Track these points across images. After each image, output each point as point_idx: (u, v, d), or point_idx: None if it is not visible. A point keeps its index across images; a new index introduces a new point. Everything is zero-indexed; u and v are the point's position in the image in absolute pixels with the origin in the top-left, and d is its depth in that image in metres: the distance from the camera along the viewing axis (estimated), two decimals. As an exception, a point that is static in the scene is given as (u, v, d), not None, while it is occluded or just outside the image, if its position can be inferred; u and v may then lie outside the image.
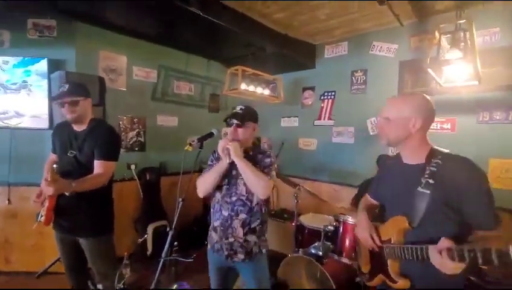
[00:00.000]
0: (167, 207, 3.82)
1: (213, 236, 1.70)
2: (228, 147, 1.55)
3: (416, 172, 1.23)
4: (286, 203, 4.13)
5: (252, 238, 1.63)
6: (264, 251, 1.67)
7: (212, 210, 1.75)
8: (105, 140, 1.84)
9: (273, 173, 1.63)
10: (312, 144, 4.09)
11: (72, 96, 1.80)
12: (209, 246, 1.74)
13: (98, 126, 1.90)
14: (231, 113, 1.68)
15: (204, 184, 1.70)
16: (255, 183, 1.52)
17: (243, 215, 1.62)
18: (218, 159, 1.74)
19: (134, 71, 3.59)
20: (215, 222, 1.69)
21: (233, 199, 1.64)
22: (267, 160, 1.65)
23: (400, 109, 1.27)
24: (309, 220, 3.00)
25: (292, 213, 3.08)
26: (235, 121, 1.63)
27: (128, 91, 3.51)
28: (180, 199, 1.52)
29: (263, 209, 1.69)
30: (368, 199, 1.55)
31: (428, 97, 1.27)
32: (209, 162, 1.79)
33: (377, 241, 1.32)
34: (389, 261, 1.24)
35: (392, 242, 1.24)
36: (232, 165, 1.64)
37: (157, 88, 3.87)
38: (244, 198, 1.63)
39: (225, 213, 1.65)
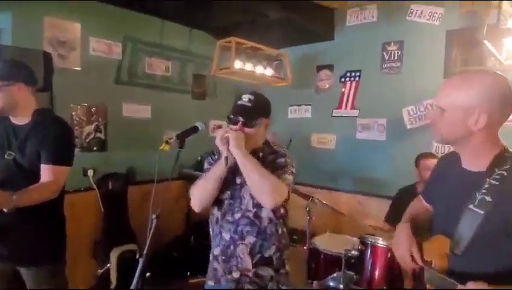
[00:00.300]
0: (137, 226, 3.81)
1: (217, 268, 1.66)
2: (227, 136, 1.50)
3: (473, 183, 1.17)
4: (295, 220, 4.12)
5: (266, 271, 1.59)
6: (284, 288, 1.63)
7: (211, 233, 1.74)
8: (55, 137, 1.83)
9: (289, 176, 1.58)
10: (329, 141, 4.09)
11: None
12: (210, 282, 1.68)
13: (44, 119, 1.87)
14: (236, 105, 1.61)
15: (199, 195, 1.65)
16: (259, 186, 1.47)
17: (250, 239, 1.58)
18: (217, 161, 1.72)
19: (92, 44, 3.57)
20: (215, 250, 1.67)
21: (237, 216, 1.61)
22: (281, 160, 1.62)
23: (457, 96, 1.16)
24: (326, 243, 3.00)
25: (303, 233, 3.09)
26: (241, 119, 1.58)
27: (83, 71, 3.49)
28: (154, 216, 1.50)
29: (279, 229, 1.64)
30: (420, 202, 1.52)
31: (503, 77, 1.16)
32: (206, 166, 1.79)
33: (418, 261, 1.31)
34: (427, 287, 1.26)
35: (433, 266, 1.26)
36: (236, 171, 1.61)
37: (123, 67, 3.85)
38: (251, 214, 1.59)
39: (226, 236, 1.62)
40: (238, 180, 1.64)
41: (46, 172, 1.81)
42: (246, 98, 1.62)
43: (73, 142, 2.02)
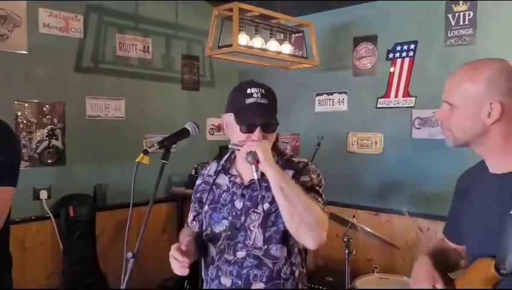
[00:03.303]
0: (108, 267, 3.81)
1: None
2: (253, 150, 1.51)
3: (507, 187, 1.34)
4: (329, 254, 4.08)
5: None
6: None
7: (203, 277, 1.75)
8: None
9: (323, 199, 1.65)
10: (374, 143, 4.05)
11: None
12: None
13: None
14: (246, 105, 1.63)
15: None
16: (303, 220, 1.48)
17: (259, 286, 1.60)
18: (213, 181, 1.75)
19: (42, 18, 3.60)
20: None
21: (240, 255, 1.62)
22: (305, 178, 1.65)
23: (465, 88, 1.39)
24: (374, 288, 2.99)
25: (341, 274, 3.06)
26: (259, 122, 1.60)
27: (31, 56, 3.53)
28: (130, 255, 1.48)
29: (296, 271, 1.66)
30: (442, 242, 1.70)
31: (509, 62, 1.38)
32: (198, 182, 1.84)
33: None
34: None
35: None
36: (236, 191, 1.66)
37: (85, 49, 3.88)
38: (259, 253, 1.61)
39: (226, 282, 1.64)
40: (239, 204, 1.65)
41: None
42: (255, 93, 1.64)
43: (19, 154, 2.02)
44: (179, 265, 1.53)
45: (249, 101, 1.62)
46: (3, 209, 1.87)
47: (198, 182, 1.85)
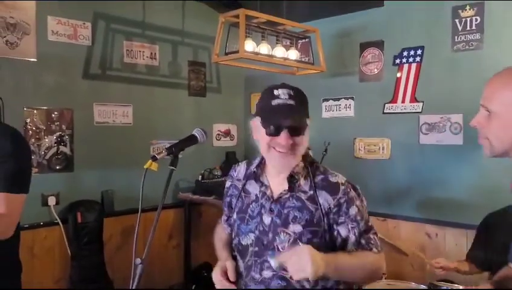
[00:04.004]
0: (116, 273, 3.82)
1: None
2: (301, 277, 1.38)
3: None
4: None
5: None
6: None
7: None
8: (7, 156, 1.85)
9: (376, 234, 1.63)
10: (381, 148, 4.04)
11: None
12: None
13: None
14: (273, 107, 1.53)
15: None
16: (370, 279, 1.67)
17: None
18: (243, 187, 1.69)
19: (51, 26, 3.63)
20: None
21: (267, 274, 1.56)
22: (353, 209, 1.57)
23: (508, 95, 1.30)
24: (382, 294, 2.95)
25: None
26: (287, 125, 1.50)
27: (40, 63, 3.56)
28: (139, 260, 1.49)
29: None
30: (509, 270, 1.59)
31: None
32: (226, 189, 1.80)
33: None
34: None
35: None
36: (263, 204, 1.60)
37: (93, 56, 3.91)
38: (288, 274, 1.47)
39: None
40: (267, 219, 1.58)
41: None
42: (283, 93, 1.55)
43: (31, 161, 2.04)
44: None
45: (275, 102, 1.53)
46: (15, 216, 1.89)
47: (227, 184, 1.79)
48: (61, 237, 3.63)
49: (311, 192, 1.57)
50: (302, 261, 1.33)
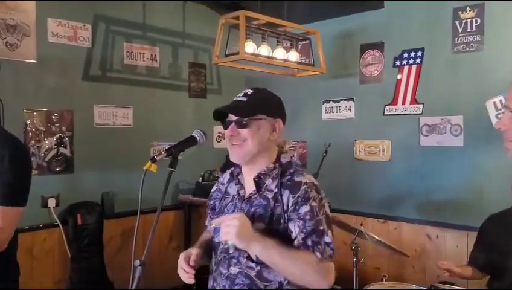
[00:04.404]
0: (115, 275, 3.82)
1: None
2: (226, 239, 1.47)
3: None
4: (337, 262, 4.06)
5: None
6: None
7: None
8: (6, 169, 1.84)
9: (326, 239, 1.54)
10: (382, 150, 4.03)
11: None
12: None
13: None
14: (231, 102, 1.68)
15: None
16: (303, 281, 1.52)
17: None
18: (225, 190, 1.75)
19: (51, 28, 3.64)
20: None
21: (233, 270, 1.60)
22: (305, 207, 1.54)
23: None
24: (382, 296, 2.96)
25: (349, 283, 3.03)
26: (233, 118, 1.62)
27: (40, 65, 3.56)
28: (138, 262, 1.48)
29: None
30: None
31: None
32: (211, 193, 1.85)
33: None
34: None
35: None
36: (236, 203, 1.66)
37: (94, 58, 3.91)
38: (252, 273, 1.56)
39: None
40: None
41: None
42: (241, 93, 1.69)
43: (30, 173, 2.01)
44: (186, 275, 1.59)
45: (232, 100, 1.69)
46: (10, 230, 1.88)
47: (213, 188, 1.85)
48: (61, 239, 3.63)
49: (276, 190, 1.60)
50: (231, 224, 1.43)
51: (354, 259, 2.90)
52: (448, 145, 3.62)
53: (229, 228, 1.44)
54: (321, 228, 1.54)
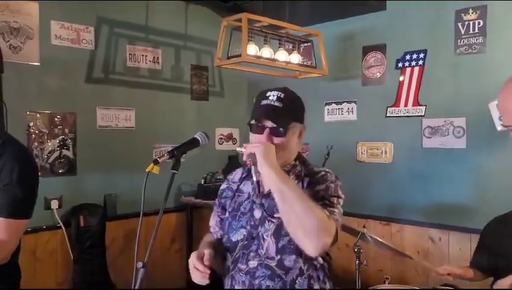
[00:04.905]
0: (118, 277, 3.82)
1: None
2: (252, 151, 1.50)
3: None
4: (339, 265, 4.05)
5: None
6: None
7: (224, 287, 1.73)
8: (14, 182, 1.84)
9: (337, 209, 1.57)
10: (384, 152, 4.03)
11: None
12: None
13: (2, 149, 1.88)
14: (259, 106, 1.62)
15: None
16: (302, 223, 1.43)
17: None
18: (237, 188, 1.74)
19: (54, 30, 3.65)
20: None
21: (252, 264, 1.60)
22: (321, 186, 1.60)
23: None
24: (385, 298, 2.95)
25: (352, 285, 3.04)
26: (269, 125, 1.58)
27: (43, 67, 3.57)
28: (141, 264, 1.48)
29: (315, 285, 1.62)
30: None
31: None
32: (221, 191, 1.82)
33: None
34: None
35: None
36: (260, 201, 1.63)
37: (96, 60, 3.92)
38: (272, 263, 1.57)
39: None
40: (258, 214, 1.63)
41: None
42: (273, 95, 1.62)
43: (37, 185, 2.01)
44: (200, 275, 1.51)
45: (263, 102, 1.61)
46: (15, 242, 1.88)
47: (223, 186, 1.83)
48: (63, 241, 3.63)
49: (297, 182, 1.63)
50: (259, 144, 1.52)
51: (357, 261, 2.89)
52: (451, 147, 3.61)
53: (256, 147, 1.50)
54: (334, 202, 1.57)
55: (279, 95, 1.61)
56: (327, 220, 1.46)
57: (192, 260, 1.54)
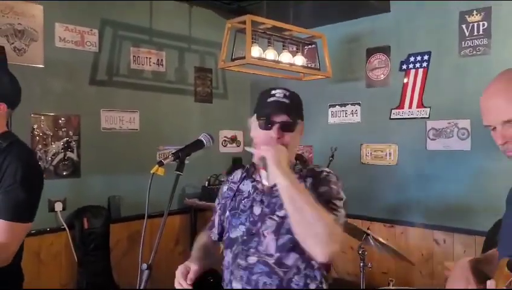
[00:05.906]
0: (122, 279, 3.82)
1: None
2: (264, 155, 1.53)
3: None
4: (343, 267, 4.05)
5: None
6: None
7: (222, 283, 1.76)
8: (17, 184, 1.85)
9: (341, 212, 1.59)
10: (388, 154, 4.02)
11: None
12: None
13: (8, 150, 1.91)
14: (268, 102, 1.66)
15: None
16: (312, 230, 1.44)
17: None
18: (237, 188, 1.76)
19: (58, 33, 3.66)
20: None
21: (251, 260, 1.62)
22: (324, 188, 1.62)
23: None
24: (389, 301, 2.95)
25: (356, 288, 3.04)
26: (277, 119, 1.62)
27: (48, 69, 3.58)
28: (145, 266, 1.49)
29: (311, 284, 1.63)
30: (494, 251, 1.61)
31: None
32: (222, 192, 1.84)
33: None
34: None
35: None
36: (255, 197, 1.68)
37: (100, 62, 3.93)
38: (271, 260, 1.59)
39: (237, 286, 1.64)
40: (257, 210, 1.66)
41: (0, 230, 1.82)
42: (279, 93, 1.68)
43: (41, 189, 2.02)
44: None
45: (270, 99, 1.66)
46: (16, 245, 1.88)
47: (224, 188, 1.85)
48: (67, 243, 3.64)
49: (300, 181, 1.64)
50: (271, 146, 1.54)
51: (361, 264, 2.90)
52: (456, 149, 3.61)
53: (267, 151, 1.52)
54: (338, 205, 1.60)
55: (285, 93, 1.68)
56: (336, 227, 1.49)
57: (178, 275, 1.62)
